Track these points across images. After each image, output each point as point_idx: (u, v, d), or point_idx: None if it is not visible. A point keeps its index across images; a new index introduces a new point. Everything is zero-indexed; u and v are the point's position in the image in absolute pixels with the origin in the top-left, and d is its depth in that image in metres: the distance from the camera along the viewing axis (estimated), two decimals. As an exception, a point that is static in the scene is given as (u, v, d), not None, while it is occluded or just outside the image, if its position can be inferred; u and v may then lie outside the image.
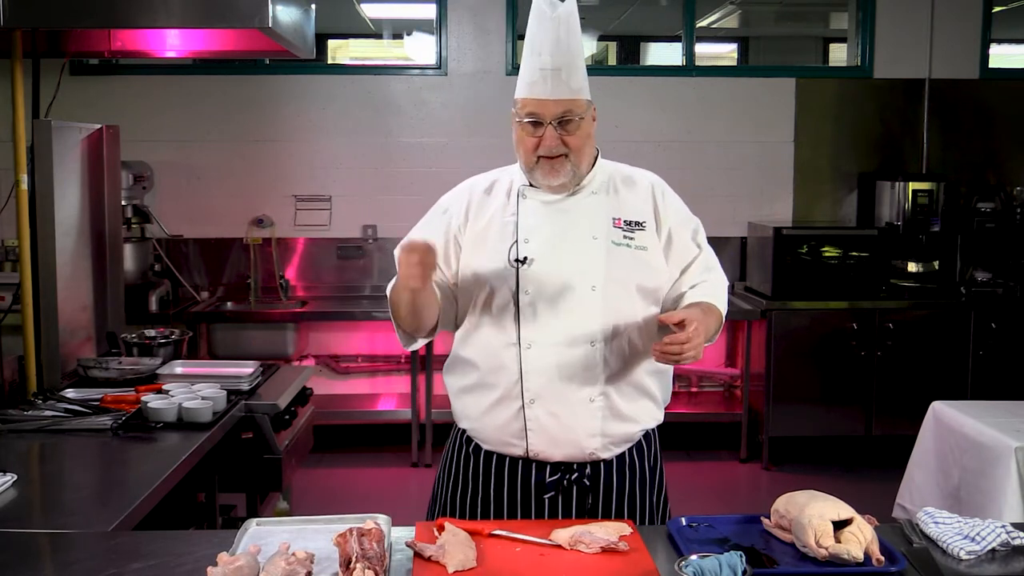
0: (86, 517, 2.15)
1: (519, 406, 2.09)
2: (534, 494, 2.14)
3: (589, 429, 2.09)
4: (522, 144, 2.08)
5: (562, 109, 2.03)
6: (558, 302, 2.07)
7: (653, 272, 2.13)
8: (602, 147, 2.20)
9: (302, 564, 1.62)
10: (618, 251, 2.09)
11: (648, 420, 2.19)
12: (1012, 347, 5.28)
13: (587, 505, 2.14)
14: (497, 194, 2.17)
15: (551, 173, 2.06)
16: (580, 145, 2.06)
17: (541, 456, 2.12)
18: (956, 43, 5.86)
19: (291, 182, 5.74)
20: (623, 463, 2.17)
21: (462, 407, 2.21)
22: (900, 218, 5.59)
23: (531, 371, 2.08)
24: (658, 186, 2.22)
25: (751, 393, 5.50)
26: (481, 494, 2.18)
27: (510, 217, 2.12)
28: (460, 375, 2.19)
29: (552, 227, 2.10)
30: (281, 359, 4.95)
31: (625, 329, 2.09)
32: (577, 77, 2.05)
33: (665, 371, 2.21)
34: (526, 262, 2.07)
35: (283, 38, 3.31)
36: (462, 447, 2.23)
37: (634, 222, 2.13)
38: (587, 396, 2.08)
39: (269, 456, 3.14)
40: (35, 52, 3.77)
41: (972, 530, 1.87)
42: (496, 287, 2.09)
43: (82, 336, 3.67)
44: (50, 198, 3.43)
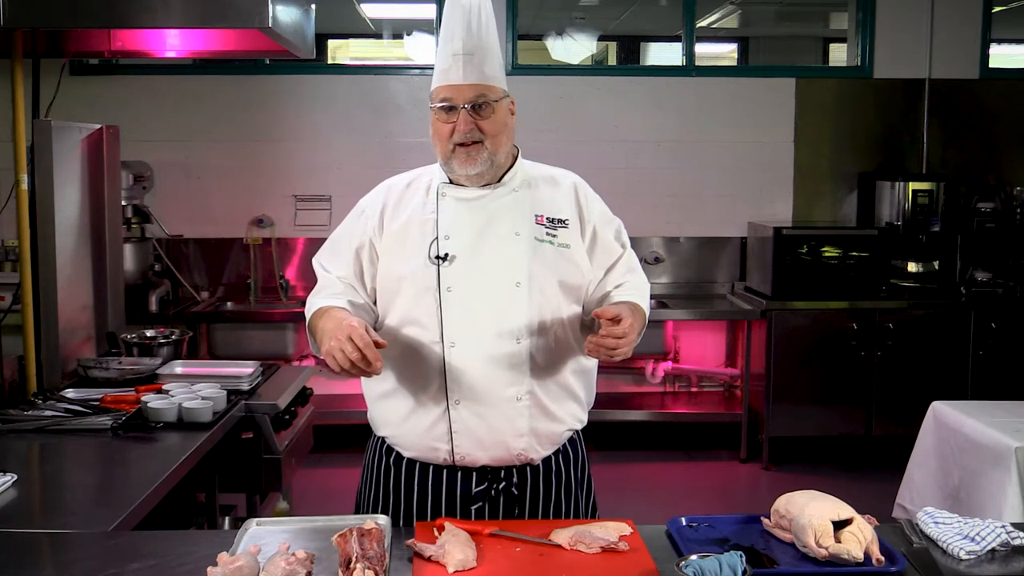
0: (86, 517, 2.15)
1: (443, 408, 2.05)
2: (460, 504, 2.09)
3: (517, 428, 2.06)
4: (437, 133, 2.05)
5: (475, 93, 2.01)
6: (482, 298, 2.03)
7: (576, 270, 2.10)
8: (602, 147, 2.20)
9: (302, 564, 1.62)
10: (541, 247, 2.07)
11: (573, 421, 2.16)
12: (1012, 347, 5.28)
13: (514, 514, 2.10)
14: (416, 192, 2.14)
15: (467, 161, 2.03)
16: (495, 132, 2.03)
17: (467, 460, 2.07)
18: (956, 43, 5.86)
19: (291, 182, 5.74)
20: (549, 469, 2.13)
21: (381, 413, 2.15)
22: (900, 218, 5.60)
23: (456, 370, 2.03)
24: (580, 186, 2.18)
25: (751, 393, 5.50)
26: (404, 506, 2.12)
27: (429, 215, 2.08)
28: (379, 379, 2.08)
29: (473, 224, 2.06)
30: (281, 359, 4.95)
31: (551, 325, 2.06)
32: (491, 64, 2.04)
33: (589, 371, 2.18)
34: (447, 259, 2.04)
35: (283, 38, 3.31)
36: (382, 458, 2.17)
37: (557, 219, 2.10)
38: (514, 394, 2.04)
39: (269, 456, 3.14)
40: (35, 52, 3.77)
41: (972, 530, 1.87)
42: (417, 286, 2.04)
43: (82, 336, 3.67)
44: (50, 198, 3.43)
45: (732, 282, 5.90)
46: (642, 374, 5.82)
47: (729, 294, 5.82)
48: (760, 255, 5.57)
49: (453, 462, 2.08)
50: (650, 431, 5.57)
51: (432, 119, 2.07)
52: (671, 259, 5.87)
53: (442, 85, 2.04)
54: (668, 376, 5.89)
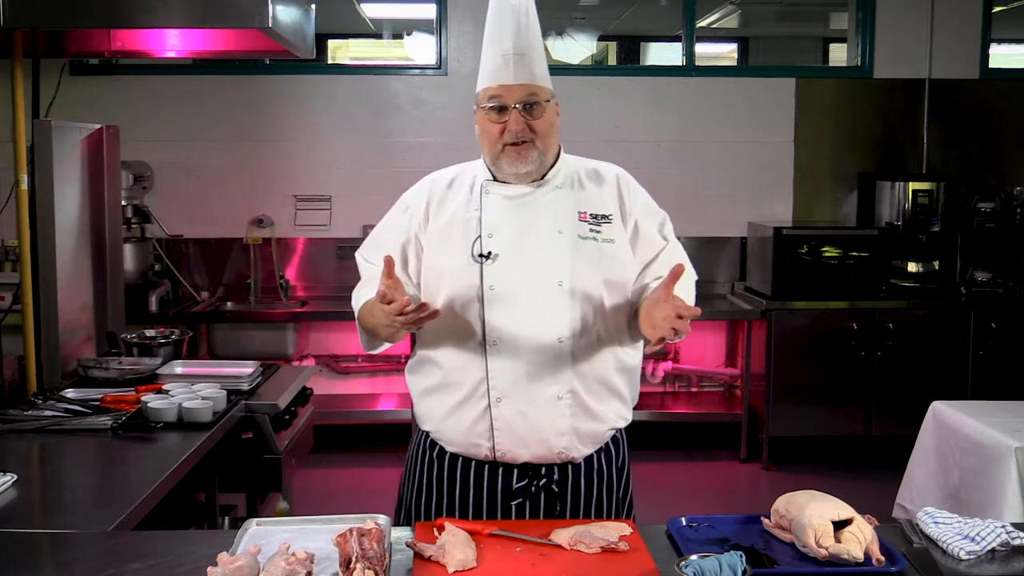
0: (86, 517, 2.15)
1: (485, 405, 2.06)
2: (501, 500, 2.10)
3: (558, 427, 2.06)
4: (486, 133, 2.06)
5: (526, 92, 2.02)
6: (524, 298, 2.03)
7: (620, 265, 2.09)
8: (602, 147, 2.21)
9: (302, 564, 1.62)
10: (584, 245, 2.06)
11: (616, 419, 2.16)
12: (1012, 347, 5.28)
13: (555, 511, 2.11)
14: (459, 189, 2.14)
15: (518, 160, 2.04)
16: (545, 131, 2.05)
17: (508, 457, 2.08)
18: (956, 43, 5.87)
19: (291, 182, 5.74)
20: (591, 467, 2.13)
21: (426, 409, 2.17)
22: (900, 218, 5.60)
23: (497, 369, 2.04)
24: (623, 179, 2.18)
25: (751, 393, 5.50)
26: (447, 500, 2.14)
27: (473, 212, 2.09)
28: (424, 375, 2.15)
29: (516, 222, 2.07)
30: (281, 359, 4.95)
31: (593, 324, 2.06)
32: (540, 64, 2.05)
33: (632, 369, 2.18)
34: (490, 257, 2.04)
35: (283, 38, 3.31)
36: (426, 451, 2.19)
37: (600, 215, 2.10)
38: (555, 393, 2.05)
39: (269, 456, 3.13)
40: (35, 52, 3.77)
41: (972, 530, 1.87)
42: (460, 284, 2.05)
43: (82, 336, 3.67)
44: (50, 198, 3.43)
45: (732, 282, 5.90)
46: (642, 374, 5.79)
47: (729, 294, 5.82)
48: (760, 255, 5.57)
49: (495, 458, 2.09)
50: (650, 431, 5.56)
51: (480, 119, 2.08)
52: (671, 259, 5.85)
53: (492, 85, 2.04)
54: (668, 376, 5.89)
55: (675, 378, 5.92)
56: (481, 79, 2.07)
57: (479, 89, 2.08)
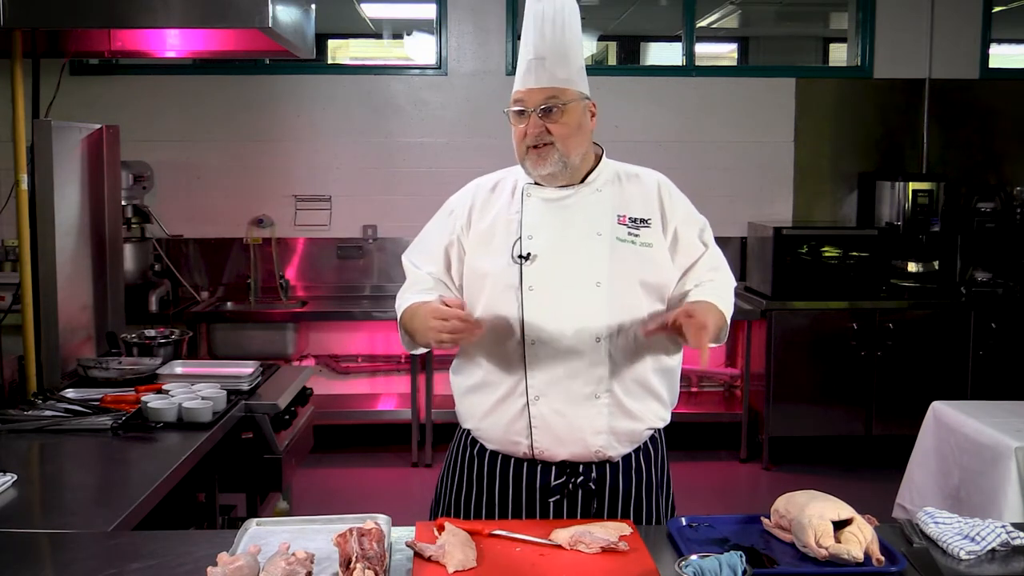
0: (86, 517, 2.15)
1: (523, 403, 2.09)
2: (539, 497, 2.13)
3: (595, 426, 2.09)
4: (514, 135, 2.12)
5: (544, 96, 2.06)
6: (562, 298, 2.07)
7: (658, 269, 2.13)
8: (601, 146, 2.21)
9: (302, 564, 1.62)
10: (623, 247, 2.10)
11: (654, 420, 2.18)
12: (1012, 347, 5.28)
13: (592, 509, 2.13)
14: (502, 193, 2.19)
15: (538, 162, 2.08)
16: (565, 134, 2.07)
17: (546, 455, 2.11)
18: (956, 43, 5.87)
19: (291, 182, 5.74)
20: (629, 466, 2.16)
21: (467, 407, 2.21)
22: (900, 218, 5.60)
23: (535, 368, 2.07)
24: (664, 184, 2.23)
25: (751, 393, 5.50)
26: (486, 496, 2.18)
27: (514, 215, 2.14)
28: (466, 374, 2.20)
29: (555, 224, 2.11)
30: (281, 359, 4.95)
31: (630, 325, 2.08)
32: (565, 68, 2.08)
33: (672, 370, 2.20)
34: (529, 258, 2.08)
35: (283, 38, 3.31)
36: (466, 448, 2.23)
37: (639, 219, 2.14)
38: (592, 393, 2.08)
39: (269, 456, 3.13)
40: (35, 52, 3.77)
41: (972, 530, 1.87)
42: (500, 284, 2.10)
43: (82, 336, 3.67)
44: (50, 198, 3.43)
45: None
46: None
47: (729, 294, 5.81)
48: (760, 255, 5.57)
49: (533, 456, 2.12)
50: (650, 431, 5.56)
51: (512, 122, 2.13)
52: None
53: (517, 89, 2.10)
54: (668, 376, 5.88)
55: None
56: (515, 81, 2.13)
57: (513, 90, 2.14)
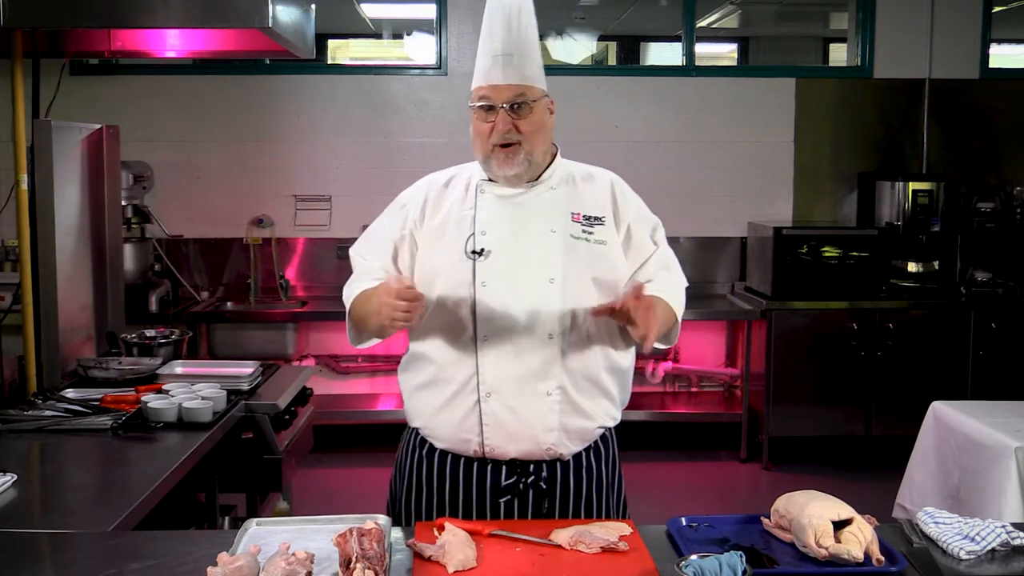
0: (86, 517, 2.15)
1: (475, 400, 2.08)
2: (490, 497, 2.11)
3: (547, 423, 2.07)
4: (477, 133, 2.10)
5: (513, 93, 2.05)
6: (515, 294, 2.06)
7: (611, 266, 2.12)
8: (602, 147, 2.22)
9: (302, 564, 1.62)
10: (576, 244, 2.09)
11: (605, 418, 2.17)
12: (1012, 347, 5.28)
13: (543, 509, 2.12)
14: (455, 188, 2.18)
15: (505, 162, 2.07)
16: (532, 132, 2.07)
17: (496, 453, 2.09)
18: (956, 43, 5.86)
19: (291, 182, 5.75)
20: (580, 465, 2.15)
21: (416, 405, 2.18)
22: (900, 218, 5.60)
23: (487, 364, 2.06)
24: (617, 183, 2.23)
25: (751, 393, 5.50)
26: (436, 498, 2.15)
27: (467, 211, 2.12)
28: (415, 372, 2.17)
29: (509, 220, 2.10)
30: (281, 359, 4.95)
31: (583, 322, 2.08)
32: (530, 65, 2.08)
33: (623, 370, 2.19)
34: (483, 254, 2.07)
35: (283, 38, 3.31)
36: (415, 449, 2.20)
37: (593, 217, 2.14)
38: (544, 390, 2.07)
39: (269, 456, 3.13)
40: (35, 52, 3.77)
41: (972, 530, 1.87)
42: (453, 280, 2.08)
43: (82, 336, 3.67)
44: (50, 198, 3.43)
45: (732, 282, 5.90)
46: (642, 374, 5.81)
47: (729, 294, 5.82)
48: (760, 255, 5.57)
49: (483, 454, 2.11)
50: (650, 431, 5.56)
51: (472, 119, 2.11)
52: (671, 259, 5.86)
53: (482, 85, 2.08)
54: (668, 376, 5.89)
55: (675, 378, 5.92)
56: (474, 78, 2.11)
57: (472, 87, 2.11)
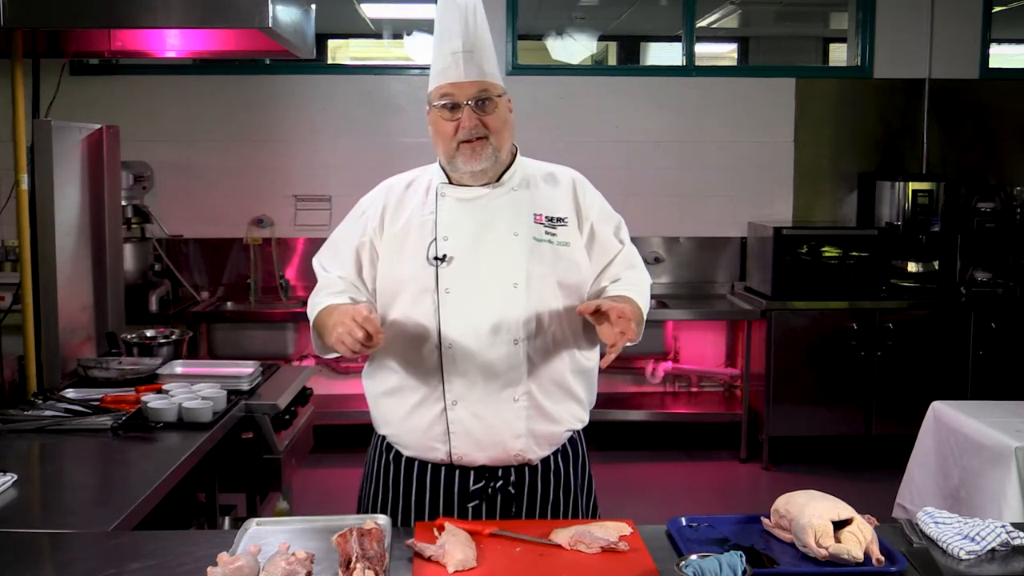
0: (86, 517, 2.15)
1: (441, 408, 2.06)
2: (457, 502, 2.10)
3: (514, 430, 2.06)
4: (440, 132, 2.06)
5: (477, 89, 2.02)
6: (479, 300, 2.03)
7: (576, 268, 2.10)
8: (602, 147, 2.21)
9: (302, 564, 1.62)
10: (540, 247, 2.07)
11: (573, 421, 2.15)
12: (1012, 347, 5.28)
13: (511, 513, 2.11)
14: (415, 192, 2.15)
15: (472, 157, 2.03)
16: (499, 127, 2.05)
17: (464, 460, 2.08)
18: (956, 43, 5.86)
19: (291, 182, 5.74)
20: (548, 469, 2.13)
21: (382, 413, 2.16)
22: (900, 218, 5.60)
23: (453, 371, 2.03)
24: (579, 182, 2.19)
25: (751, 393, 5.50)
26: (402, 503, 2.13)
27: (428, 216, 2.09)
28: (380, 379, 2.14)
29: (471, 224, 2.07)
30: (281, 359, 4.95)
31: (548, 326, 2.06)
32: (489, 62, 2.06)
33: (589, 372, 2.17)
34: (445, 260, 2.04)
35: (283, 38, 3.31)
36: (382, 455, 2.18)
37: (556, 218, 2.10)
38: (511, 395, 2.04)
39: (269, 456, 3.13)
40: (35, 52, 3.77)
41: (972, 530, 1.87)
42: (415, 286, 2.05)
43: (82, 336, 3.67)
44: (50, 198, 3.43)
45: (732, 282, 5.90)
46: (642, 374, 5.82)
47: (729, 294, 5.82)
48: (760, 255, 5.57)
49: (451, 461, 2.09)
50: (650, 431, 5.57)
51: (433, 118, 2.07)
52: (671, 259, 5.87)
53: (443, 83, 2.04)
54: (668, 376, 5.89)
55: (675, 378, 5.92)
56: (432, 78, 2.08)
57: (431, 88, 2.08)
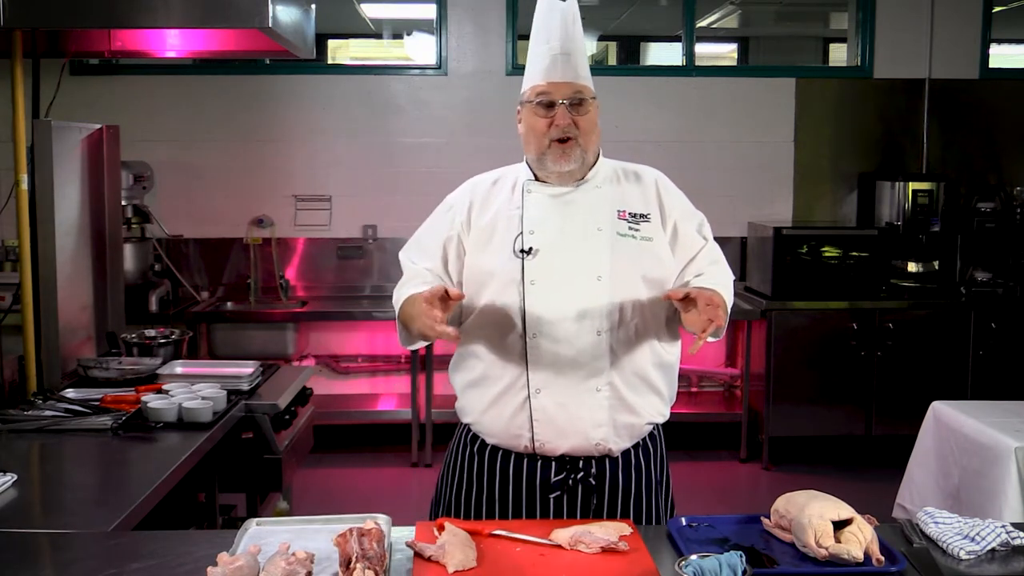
0: (86, 517, 2.15)
1: (525, 396, 2.10)
2: (539, 493, 2.14)
3: (596, 419, 2.10)
4: (533, 129, 2.12)
5: (572, 90, 2.11)
6: (564, 292, 2.08)
7: (659, 262, 2.15)
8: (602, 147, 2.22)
9: (302, 564, 1.62)
10: (623, 242, 2.12)
11: (654, 415, 2.19)
12: (1012, 347, 5.28)
13: (592, 505, 2.14)
14: (502, 189, 2.21)
15: (562, 158, 2.10)
16: (589, 130, 2.12)
17: (547, 448, 2.12)
18: (956, 43, 5.87)
19: (291, 182, 5.74)
20: (628, 463, 2.16)
21: (467, 401, 2.21)
22: (900, 218, 5.60)
23: (536, 361, 2.08)
24: (662, 180, 2.26)
25: (751, 393, 5.50)
26: (486, 494, 2.18)
27: (515, 211, 2.15)
28: (466, 369, 2.20)
29: (557, 219, 2.13)
30: (281, 359, 4.95)
31: (631, 318, 2.10)
32: (584, 66, 2.15)
33: (671, 366, 2.21)
34: (531, 253, 2.10)
35: (283, 38, 3.31)
36: (466, 446, 2.23)
37: (639, 214, 2.17)
38: (593, 386, 2.09)
39: (269, 456, 3.14)
40: (35, 52, 3.77)
41: (972, 530, 1.87)
42: (502, 278, 2.11)
43: (82, 336, 3.67)
44: (50, 198, 3.43)
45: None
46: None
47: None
48: (760, 255, 5.57)
49: (534, 450, 2.13)
50: (650, 431, 5.56)
51: (526, 115, 2.14)
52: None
53: (541, 82, 2.12)
54: (668, 376, 5.88)
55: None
56: (529, 77, 2.15)
57: (526, 87, 2.15)
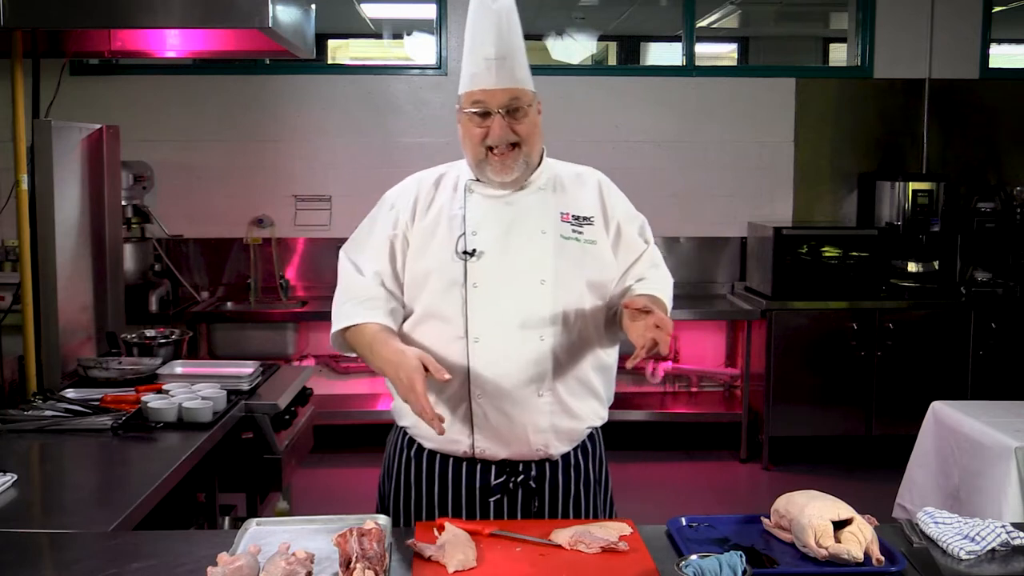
0: (86, 517, 2.15)
1: (466, 402, 2.06)
2: (479, 497, 2.11)
3: (538, 425, 2.07)
4: (469, 137, 2.06)
5: (509, 97, 2.03)
6: (507, 295, 2.04)
7: (602, 266, 2.12)
8: (602, 147, 2.22)
9: (302, 564, 1.62)
10: (567, 245, 2.08)
11: (594, 418, 2.17)
12: (1012, 347, 5.28)
13: (533, 508, 2.11)
14: (445, 188, 2.15)
15: (503, 170, 2.05)
16: (529, 134, 2.06)
17: (487, 454, 2.09)
18: (956, 43, 5.87)
19: (291, 182, 5.74)
20: (568, 464, 2.15)
21: (404, 404, 2.11)
22: (900, 218, 5.60)
23: (479, 366, 2.04)
24: (604, 183, 2.21)
25: (751, 393, 5.50)
26: (426, 498, 2.14)
27: (457, 210, 2.10)
28: None
29: (500, 221, 2.08)
30: (281, 359, 4.94)
31: (574, 323, 2.07)
32: (521, 68, 2.06)
33: (609, 368, 2.19)
34: (474, 255, 2.05)
35: (283, 38, 3.31)
36: (403, 449, 2.19)
37: (582, 217, 2.12)
38: (535, 391, 2.05)
39: (269, 456, 3.13)
40: (35, 52, 3.77)
41: (972, 530, 1.87)
42: (444, 280, 2.06)
43: (82, 336, 3.67)
44: (50, 198, 3.43)
45: (732, 282, 5.90)
46: (642, 374, 5.81)
47: (729, 294, 5.82)
48: (760, 255, 5.57)
49: (473, 455, 2.10)
50: (650, 431, 5.56)
51: (463, 123, 2.08)
52: (671, 259, 5.83)
53: (475, 89, 2.05)
54: (668, 376, 5.89)
55: (675, 378, 5.92)
56: (463, 83, 2.09)
57: (461, 92, 2.09)
